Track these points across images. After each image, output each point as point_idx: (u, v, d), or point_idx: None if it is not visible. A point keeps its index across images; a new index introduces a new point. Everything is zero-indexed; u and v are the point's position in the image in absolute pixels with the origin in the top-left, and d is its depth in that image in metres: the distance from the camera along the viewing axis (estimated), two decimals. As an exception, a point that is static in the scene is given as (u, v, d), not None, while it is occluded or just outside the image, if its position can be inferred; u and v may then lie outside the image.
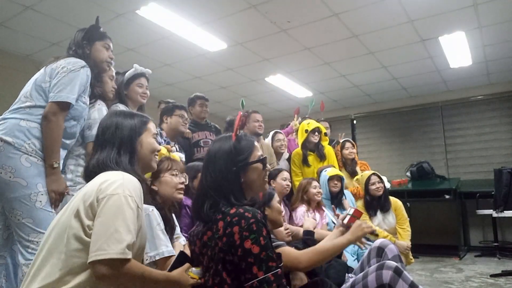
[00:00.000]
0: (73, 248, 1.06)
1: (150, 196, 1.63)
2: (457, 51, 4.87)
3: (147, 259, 1.43)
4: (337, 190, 3.24)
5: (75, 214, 1.10)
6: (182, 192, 1.76)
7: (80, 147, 2.01)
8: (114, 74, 2.25)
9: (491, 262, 4.62)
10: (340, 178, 3.24)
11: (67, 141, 1.90)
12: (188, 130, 3.44)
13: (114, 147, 1.25)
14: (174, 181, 1.71)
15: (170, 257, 1.46)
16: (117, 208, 1.07)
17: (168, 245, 1.49)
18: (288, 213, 3.09)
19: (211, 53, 4.80)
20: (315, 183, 3.06)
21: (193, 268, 1.29)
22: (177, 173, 1.74)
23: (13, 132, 1.69)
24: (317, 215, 3.06)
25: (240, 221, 1.21)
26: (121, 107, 2.25)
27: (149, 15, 3.84)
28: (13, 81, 4.74)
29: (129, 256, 1.03)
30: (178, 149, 3.00)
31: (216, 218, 1.26)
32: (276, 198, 2.10)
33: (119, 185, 1.11)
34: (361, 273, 2.11)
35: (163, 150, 1.75)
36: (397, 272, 1.94)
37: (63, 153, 1.90)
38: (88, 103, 1.94)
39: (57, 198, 1.72)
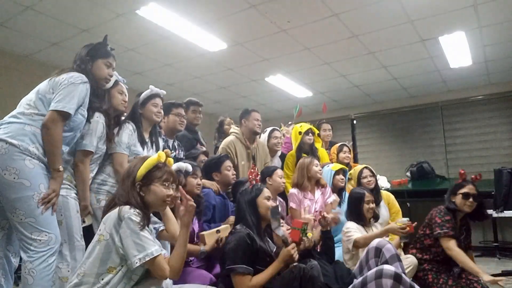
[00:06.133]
0: None
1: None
2: (457, 51, 4.86)
3: (136, 262, 1.42)
4: (343, 186, 3.31)
5: None
6: (167, 204, 1.69)
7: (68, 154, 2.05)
8: (124, 89, 2.37)
9: (491, 262, 4.61)
10: (344, 173, 3.33)
11: (63, 148, 1.95)
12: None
13: None
14: (163, 193, 1.62)
15: (158, 256, 1.47)
16: None
17: (155, 244, 1.49)
18: (285, 208, 3.12)
19: (211, 53, 4.80)
20: (316, 161, 3.14)
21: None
22: (168, 184, 1.65)
23: (19, 135, 1.76)
24: (317, 193, 3.09)
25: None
26: (129, 126, 2.35)
27: (149, 15, 3.84)
28: (13, 81, 4.76)
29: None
30: (177, 146, 3.00)
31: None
32: (265, 193, 2.13)
33: None
34: (360, 279, 2.10)
35: (161, 156, 1.70)
36: (397, 279, 1.95)
37: None
38: (86, 116, 2.02)
39: (52, 197, 1.78)
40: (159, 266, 1.47)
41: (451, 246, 2.48)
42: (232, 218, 2.57)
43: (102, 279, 1.44)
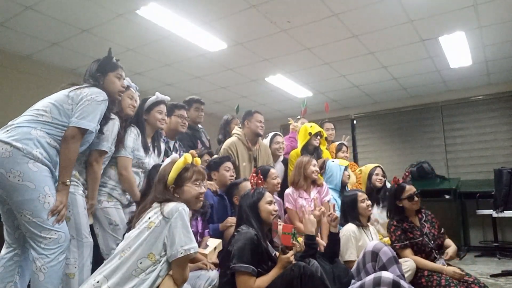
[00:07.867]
0: None
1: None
2: (457, 51, 4.86)
3: (181, 252, 1.49)
4: (348, 182, 3.42)
5: None
6: (201, 201, 1.79)
7: (83, 154, 2.09)
8: (135, 95, 2.42)
9: (491, 262, 4.61)
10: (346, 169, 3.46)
11: None
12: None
13: None
14: (196, 191, 1.73)
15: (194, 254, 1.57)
16: None
17: None
18: (282, 207, 3.13)
19: (211, 53, 4.80)
20: (314, 161, 3.17)
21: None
22: (199, 182, 1.76)
23: (24, 139, 1.78)
24: (313, 192, 3.10)
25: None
26: (134, 131, 2.40)
27: (149, 15, 3.84)
28: (13, 81, 4.76)
29: None
30: (178, 147, 3.01)
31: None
32: (266, 198, 2.13)
33: None
34: (358, 284, 2.10)
35: (188, 158, 1.76)
36: (395, 287, 1.95)
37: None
38: (97, 130, 2.05)
39: (61, 209, 1.80)
40: (188, 265, 1.57)
41: (406, 256, 2.56)
42: (230, 219, 2.57)
43: (140, 263, 1.49)
